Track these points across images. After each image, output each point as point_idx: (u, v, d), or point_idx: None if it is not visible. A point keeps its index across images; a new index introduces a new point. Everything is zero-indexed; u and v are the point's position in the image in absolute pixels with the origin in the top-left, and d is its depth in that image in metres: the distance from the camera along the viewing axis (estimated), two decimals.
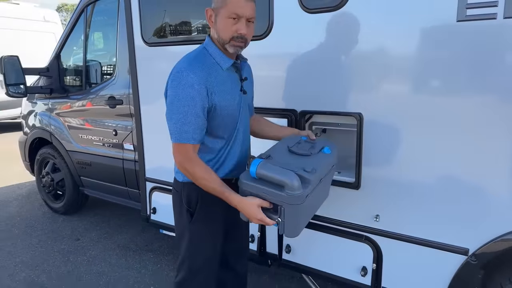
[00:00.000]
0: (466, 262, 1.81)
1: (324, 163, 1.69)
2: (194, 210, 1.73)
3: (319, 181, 1.64)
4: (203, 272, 1.79)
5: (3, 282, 2.96)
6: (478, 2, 1.60)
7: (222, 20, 1.55)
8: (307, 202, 1.54)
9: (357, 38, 1.91)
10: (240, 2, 1.51)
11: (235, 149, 1.73)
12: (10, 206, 4.53)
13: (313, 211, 1.83)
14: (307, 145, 1.78)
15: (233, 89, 1.66)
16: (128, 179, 3.38)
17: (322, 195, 1.87)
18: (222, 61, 1.61)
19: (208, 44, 1.64)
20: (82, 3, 3.54)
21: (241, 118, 1.71)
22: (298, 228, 1.63)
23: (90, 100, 3.56)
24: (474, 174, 1.73)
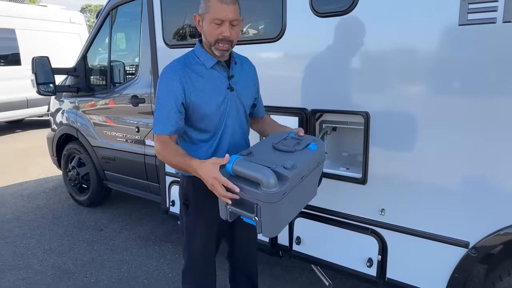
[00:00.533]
0: (466, 254, 1.89)
1: (307, 160, 1.63)
2: (189, 203, 1.87)
3: (300, 179, 1.58)
4: (201, 260, 1.93)
5: (34, 267, 3.18)
6: (478, 7, 1.69)
7: (207, 25, 1.66)
8: (286, 200, 1.48)
9: (365, 40, 2.02)
10: (222, 8, 1.61)
11: (223, 143, 1.81)
12: (38, 198, 4.79)
13: (296, 210, 1.77)
14: (292, 141, 1.73)
15: (218, 86, 1.76)
16: (149, 174, 3.56)
17: (308, 193, 1.79)
18: (206, 60, 1.73)
19: (197, 47, 1.78)
20: (108, 6, 3.74)
21: (228, 113, 1.79)
22: (277, 227, 1.59)
23: (114, 98, 3.76)
24: (475, 170, 1.81)
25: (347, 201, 2.24)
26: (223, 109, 1.78)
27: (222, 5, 1.61)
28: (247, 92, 1.90)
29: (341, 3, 2.04)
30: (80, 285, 2.91)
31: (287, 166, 1.50)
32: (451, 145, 1.85)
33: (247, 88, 1.91)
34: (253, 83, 1.95)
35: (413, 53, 1.90)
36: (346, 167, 2.32)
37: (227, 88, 1.78)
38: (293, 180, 1.51)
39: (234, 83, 1.81)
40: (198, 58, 1.75)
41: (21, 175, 5.76)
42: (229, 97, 1.79)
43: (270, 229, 1.52)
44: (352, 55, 2.08)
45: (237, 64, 1.85)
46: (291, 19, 2.24)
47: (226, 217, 1.57)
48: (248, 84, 1.91)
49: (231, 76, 1.80)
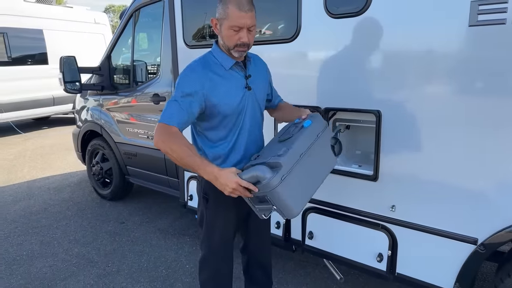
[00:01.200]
0: (475, 251, 1.93)
1: (303, 137, 1.75)
2: (208, 197, 1.95)
3: (298, 157, 1.69)
4: (219, 251, 2.02)
5: (59, 255, 3.36)
6: (488, 8, 1.73)
7: (225, 30, 1.72)
8: (288, 181, 1.61)
9: (377, 41, 2.07)
10: (241, 15, 1.67)
11: (241, 140, 1.87)
12: (64, 191, 5.01)
13: (315, 185, 1.82)
14: (293, 127, 1.87)
15: (236, 86, 1.82)
16: (169, 169, 3.69)
17: (323, 164, 1.88)
18: (224, 61, 1.80)
19: (214, 48, 1.84)
20: (131, 8, 3.90)
21: (246, 112, 1.86)
22: (295, 207, 1.68)
23: (136, 97, 3.91)
24: (485, 168, 1.84)
25: (359, 197, 2.30)
26: (241, 108, 1.85)
27: (240, 13, 1.66)
28: (262, 89, 1.98)
29: (354, 5, 2.10)
30: (103, 273, 3.06)
31: (279, 153, 1.67)
32: (461, 143, 1.89)
33: (262, 85, 1.98)
34: (265, 79, 2.02)
35: (423, 54, 1.94)
36: (358, 165, 2.38)
37: (244, 87, 1.85)
38: (288, 163, 1.65)
39: (251, 82, 1.88)
40: (216, 59, 1.81)
41: (47, 169, 6.02)
42: (247, 96, 1.86)
43: (288, 211, 1.66)
44: (364, 55, 2.14)
45: (252, 62, 1.92)
46: (306, 20, 2.31)
47: (262, 216, 1.74)
48: (262, 81, 1.98)
49: (249, 75, 1.87)
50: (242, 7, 1.67)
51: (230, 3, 1.68)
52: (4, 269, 3.16)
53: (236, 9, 1.67)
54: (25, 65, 8.80)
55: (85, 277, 3.01)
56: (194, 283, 2.89)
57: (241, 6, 1.67)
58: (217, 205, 1.95)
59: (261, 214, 1.75)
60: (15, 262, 3.26)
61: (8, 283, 2.96)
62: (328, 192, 2.43)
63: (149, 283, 2.92)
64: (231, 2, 1.68)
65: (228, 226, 2.00)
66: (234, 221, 2.00)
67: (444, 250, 2.03)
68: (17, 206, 4.53)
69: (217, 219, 1.99)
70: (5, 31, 8.32)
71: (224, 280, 2.11)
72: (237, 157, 1.90)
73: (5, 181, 5.45)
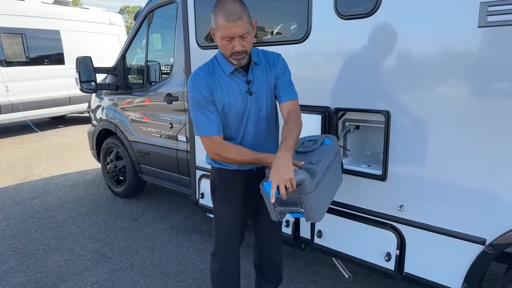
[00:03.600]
0: (483, 251, 1.93)
1: (326, 153, 1.92)
2: (216, 190, 2.03)
3: (326, 169, 1.85)
4: (226, 244, 2.08)
5: (75, 250, 3.45)
6: (498, 9, 1.73)
7: (219, 41, 1.76)
8: (320, 188, 1.76)
9: (387, 42, 2.09)
10: (228, 26, 1.67)
11: (246, 143, 1.92)
12: (79, 189, 5.13)
13: (331, 195, 2.02)
14: (309, 143, 2.02)
15: (236, 91, 1.85)
16: (181, 167, 3.76)
17: (336, 181, 2.07)
18: (225, 68, 1.84)
19: (218, 53, 1.88)
20: (145, 10, 3.97)
21: (248, 117, 1.90)
22: (320, 213, 1.84)
23: (150, 96, 3.99)
24: (493, 168, 1.85)
25: (367, 197, 2.32)
26: (243, 114, 1.89)
27: (228, 23, 1.67)
28: (266, 91, 1.93)
29: (364, 6, 2.13)
30: (116, 268, 3.14)
31: (312, 161, 1.81)
32: (469, 144, 1.89)
33: (266, 88, 1.93)
34: (273, 78, 1.95)
35: (432, 55, 1.96)
36: (367, 164, 2.40)
37: (246, 92, 1.87)
38: (321, 171, 1.80)
39: (253, 87, 1.89)
40: (219, 64, 1.86)
41: (63, 167, 6.16)
42: (249, 101, 1.89)
43: (315, 215, 1.80)
44: (374, 56, 2.16)
45: (258, 64, 1.90)
46: (316, 21, 2.34)
47: (277, 217, 1.82)
48: (266, 84, 1.93)
49: (249, 81, 1.88)
50: (229, 18, 1.66)
51: (218, 14, 1.69)
52: (21, 262, 3.26)
53: (224, 20, 1.67)
54: (42, 65, 9.01)
55: (99, 272, 3.09)
56: (204, 280, 2.94)
57: (228, 17, 1.66)
58: (223, 196, 2.02)
59: (278, 216, 1.82)
60: (32, 256, 3.36)
61: (26, 276, 3.05)
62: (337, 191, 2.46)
63: (161, 278, 2.98)
64: (220, 13, 1.69)
65: (234, 218, 2.04)
66: (240, 214, 2.05)
67: (452, 250, 2.04)
68: (34, 202, 4.65)
69: (223, 211, 2.05)
70: (23, 32, 8.54)
71: (230, 273, 2.17)
72: None
73: (23, 178, 5.61)
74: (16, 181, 5.50)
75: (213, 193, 2.09)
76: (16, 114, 8.46)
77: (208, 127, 1.82)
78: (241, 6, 1.71)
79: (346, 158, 2.51)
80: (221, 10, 1.68)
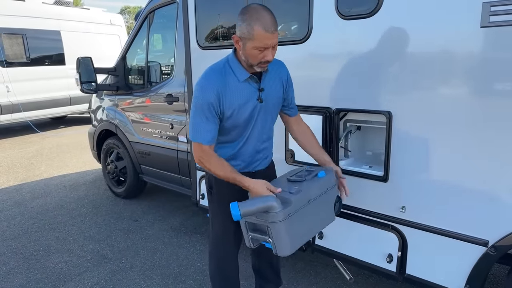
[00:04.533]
0: (485, 253, 1.92)
1: (315, 185, 1.82)
2: (212, 190, 2.05)
3: (307, 202, 1.77)
4: (221, 244, 2.10)
5: (75, 251, 3.45)
6: (500, 9, 1.72)
7: (249, 50, 1.72)
8: (294, 220, 1.70)
9: (388, 42, 2.08)
10: (267, 36, 1.67)
11: (245, 147, 1.96)
12: (79, 189, 5.12)
13: (310, 233, 1.93)
14: (305, 172, 1.93)
15: (249, 98, 1.85)
16: (181, 168, 3.75)
17: (322, 217, 1.97)
18: (239, 74, 1.81)
19: (231, 58, 1.84)
20: (146, 10, 3.97)
21: (254, 123, 1.92)
22: (290, 247, 1.76)
23: (150, 97, 3.98)
24: (496, 170, 1.83)
25: (369, 198, 2.31)
26: (250, 119, 1.90)
27: (267, 34, 1.66)
28: (275, 98, 1.99)
29: (366, 7, 2.11)
30: (116, 269, 3.13)
31: (291, 191, 1.74)
32: (472, 144, 1.88)
33: (276, 95, 1.98)
34: (280, 87, 2.01)
35: (434, 55, 1.94)
36: (369, 165, 2.39)
37: (256, 99, 1.88)
38: (297, 203, 1.72)
39: (264, 94, 1.90)
40: (232, 69, 1.82)
41: (64, 167, 6.16)
42: (258, 108, 1.90)
43: (282, 248, 1.73)
44: (375, 56, 2.14)
45: (268, 71, 1.90)
46: (317, 21, 2.33)
47: (250, 244, 1.82)
48: (276, 91, 1.98)
49: (262, 88, 1.89)
50: (268, 28, 1.66)
51: (255, 24, 1.66)
52: (22, 263, 3.25)
53: (262, 30, 1.65)
54: (43, 65, 9.00)
55: (100, 273, 3.08)
56: (205, 281, 2.93)
57: (267, 27, 1.66)
58: (219, 199, 2.03)
59: (250, 243, 1.80)
60: (32, 257, 3.35)
61: (26, 277, 3.05)
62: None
63: (162, 279, 2.97)
64: (257, 23, 1.65)
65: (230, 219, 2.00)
66: None
67: (455, 251, 2.02)
68: (34, 203, 4.65)
69: (219, 212, 2.06)
70: (24, 33, 8.53)
71: (228, 273, 2.17)
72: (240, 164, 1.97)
73: (23, 179, 5.60)
74: (17, 181, 5.50)
75: (210, 193, 2.10)
76: (17, 115, 8.46)
77: (203, 135, 1.80)
78: (274, 17, 1.72)
79: (347, 159, 2.50)
80: (258, 20, 1.65)
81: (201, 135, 1.80)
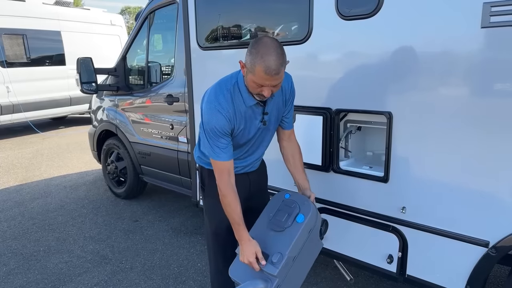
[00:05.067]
0: (486, 254, 1.92)
1: (296, 239, 1.80)
2: (205, 186, 2.08)
3: (292, 261, 1.79)
4: (218, 237, 2.11)
5: (75, 252, 3.45)
6: (501, 10, 1.72)
7: (249, 81, 1.71)
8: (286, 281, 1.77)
9: (388, 43, 2.08)
10: (266, 78, 1.63)
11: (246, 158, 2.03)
12: (79, 190, 5.12)
13: (304, 272, 1.96)
14: (284, 213, 1.89)
15: (253, 122, 1.88)
16: (181, 168, 3.75)
17: (311, 253, 1.98)
18: (247, 99, 1.81)
19: (240, 80, 1.82)
20: (146, 10, 3.97)
21: (255, 141, 1.97)
22: None
23: (151, 97, 3.98)
24: (496, 171, 1.83)
25: (369, 199, 2.31)
26: (252, 139, 1.95)
27: (266, 76, 1.63)
28: (278, 118, 2.02)
29: (366, 7, 2.11)
30: (117, 270, 3.13)
31: (273, 260, 1.76)
32: (472, 145, 1.88)
33: (279, 113, 2.00)
34: (283, 102, 2.00)
35: (435, 55, 1.94)
36: (369, 166, 2.39)
37: (260, 121, 1.91)
38: (282, 272, 1.76)
39: (267, 116, 1.92)
40: (240, 93, 1.82)
41: (64, 168, 6.16)
42: (261, 129, 1.95)
43: None
44: (376, 57, 2.14)
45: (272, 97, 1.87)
46: (318, 22, 2.33)
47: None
48: (279, 109, 1.99)
49: (266, 112, 1.90)
50: (270, 72, 1.62)
51: (258, 64, 1.62)
52: (22, 264, 3.25)
53: (263, 72, 1.62)
54: (43, 66, 9.00)
55: (100, 274, 3.08)
56: (205, 281, 2.93)
57: (269, 71, 1.61)
58: (210, 192, 2.03)
59: None
60: (33, 258, 3.35)
61: (26, 278, 3.05)
62: (338, 193, 2.44)
63: (162, 280, 2.97)
64: (259, 63, 1.62)
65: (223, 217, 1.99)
66: None
67: (455, 252, 2.02)
68: (34, 203, 4.65)
69: (214, 207, 2.04)
70: (25, 33, 8.54)
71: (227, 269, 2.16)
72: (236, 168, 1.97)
73: (24, 179, 5.60)
74: (17, 182, 5.50)
75: (203, 190, 2.13)
76: (17, 115, 8.46)
77: (221, 156, 1.83)
78: (283, 59, 1.66)
79: (347, 159, 2.50)
80: (262, 59, 1.61)
81: (218, 156, 1.83)
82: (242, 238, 1.83)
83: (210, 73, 2.88)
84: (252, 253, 1.78)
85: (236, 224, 1.84)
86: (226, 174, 1.84)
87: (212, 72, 2.62)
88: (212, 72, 2.55)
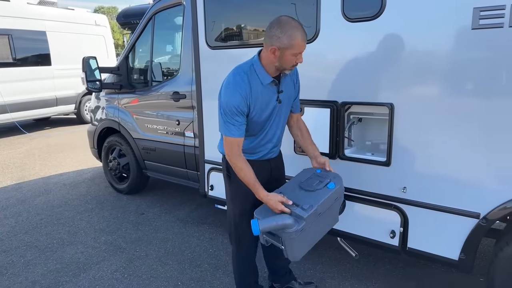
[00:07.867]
0: (477, 224, 2.21)
1: (325, 198, 2.01)
2: (230, 174, 2.25)
3: (317, 216, 1.98)
4: (243, 220, 2.30)
5: (88, 243, 3.58)
6: (488, 13, 2.02)
7: (287, 57, 1.97)
8: (304, 233, 1.93)
9: (390, 43, 2.35)
10: (303, 45, 1.99)
11: (262, 141, 2.22)
12: (79, 187, 5.21)
13: (318, 236, 2.16)
14: (315, 180, 2.13)
15: (269, 100, 2.10)
16: (188, 162, 3.93)
17: (328, 222, 2.20)
18: (263, 78, 2.05)
19: (256, 62, 2.06)
20: (151, 11, 4.13)
21: (273, 121, 2.18)
22: (300, 253, 2.04)
23: (155, 95, 4.14)
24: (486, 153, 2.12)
25: (373, 181, 2.57)
26: (269, 119, 2.17)
27: (304, 42, 1.98)
28: (290, 99, 2.26)
29: (370, 10, 2.38)
30: (132, 257, 3.30)
31: (304, 207, 1.94)
32: (464, 131, 2.16)
33: (291, 95, 2.26)
34: (293, 86, 2.27)
35: (431, 54, 2.21)
36: (371, 153, 2.66)
37: (276, 100, 2.14)
38: (309, 219, 1.93)
39: (282, 95, 2.16)
40: (256, 74, 2.06)
41: (59, 167, 6.20)
42: (277, 108, 2.17)
43: (293, 255, 2.01)
44: (378, 55, 2.40)
45: (285, 76, 2.16)
46: (325, 23, 2.58)
47: (264, 242, 2.08)
48: (291, 93, 2.25)
49: (281, 91, 2.15)
50: (305, 38, 1.98)
51: (294, 37, 1.93)
52: (38, 255, 3.37)
53: (301, 39, 1.95)
54: (29, 66, 8.94)
55: (117, 261, 3.24)
56: (219, 264, 3.14)
57: (304, 37, 1.97)
58: (237, 179, 2.19)
59: (264, 242, 2.07)
60: (48, 249, 3.47)
61: (46, 267, 3.17)
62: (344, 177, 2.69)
63: (178, 264, 3.16)
64: (295, 36, 1.93)
65: (248, 198, 2.21)
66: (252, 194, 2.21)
67: (450, 224, 2.30)
68: (37, 200, 4.72)
69: (238, 192, 2.26)
70: (10, 33, 8.46)
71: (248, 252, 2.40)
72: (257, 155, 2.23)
73: (20, 178, 5.63)
74: (14, 181, 5.53)
75: (228, 177, 2.30)
76: (3, 116, 8.37)
77: (233, 132, 2.05)
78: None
79: (350, 148, 2.77)
80: (298, 31, 1.94)
81: (231, 132, 2.05)
82: (262, 194, 2.04)
83: (218, 71, 3.07)
84: (276, 202, 1.98)
85: (252, 185, 2.06)
86: (236, 146, 2.07)
87: (220, 70, 2.82)
88: (220, 70, 2.73)
